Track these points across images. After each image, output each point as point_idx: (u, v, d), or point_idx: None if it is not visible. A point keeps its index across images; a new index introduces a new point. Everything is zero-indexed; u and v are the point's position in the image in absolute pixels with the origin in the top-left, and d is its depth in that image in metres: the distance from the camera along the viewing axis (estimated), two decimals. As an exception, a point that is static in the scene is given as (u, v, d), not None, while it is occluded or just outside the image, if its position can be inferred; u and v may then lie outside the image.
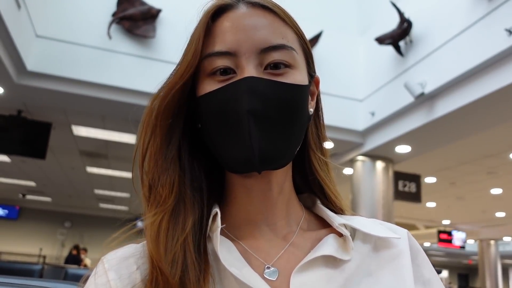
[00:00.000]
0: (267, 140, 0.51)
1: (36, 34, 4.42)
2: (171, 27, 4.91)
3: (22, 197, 14.11)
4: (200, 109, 0.55)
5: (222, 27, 0.54)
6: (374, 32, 5.32)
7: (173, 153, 0.55)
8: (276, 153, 0.52)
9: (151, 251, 0.49)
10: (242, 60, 0.52)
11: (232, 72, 0.53)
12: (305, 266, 0.51)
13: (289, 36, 0.56)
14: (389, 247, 0.57)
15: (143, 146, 0.56)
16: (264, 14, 0.55)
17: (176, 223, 0.52)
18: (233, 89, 0.51)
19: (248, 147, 0.50)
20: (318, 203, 0.62)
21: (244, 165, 0.52)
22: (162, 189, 0.53)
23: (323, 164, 0.62)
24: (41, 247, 14.37)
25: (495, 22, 3.64)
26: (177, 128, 0.56)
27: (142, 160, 0.56)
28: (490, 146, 5.95)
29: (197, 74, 0.55)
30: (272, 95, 0.51)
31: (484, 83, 3.84)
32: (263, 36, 0.53)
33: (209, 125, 0.54)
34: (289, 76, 0.54)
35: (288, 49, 0.54)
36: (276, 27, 0.55)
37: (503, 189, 8.56)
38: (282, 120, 0.52)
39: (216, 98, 0.52)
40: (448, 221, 12.95)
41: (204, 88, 0.54)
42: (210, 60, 0.53)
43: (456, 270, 24.55)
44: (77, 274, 3.13)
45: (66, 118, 5.67)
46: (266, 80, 0.52)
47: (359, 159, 5.89)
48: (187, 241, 0.50)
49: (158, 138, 0.55)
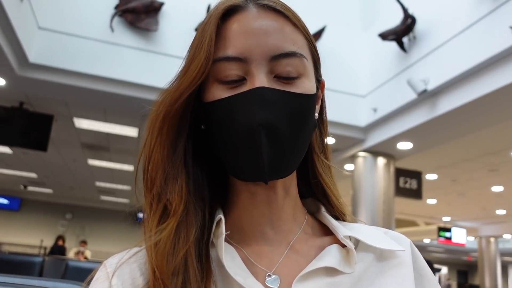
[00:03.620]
0: (277, 152, 0.50)
1: (39, 26, 4.41)
2: (173, 20, 4.90)
3: (23, 188, 14.16)
4: (208, 114, 0.54)
5: (232, 30, 0.53)
6: (377, 27, 5.29)
7: (180, 159, 0.54)
8: (285, 164, 0.52)
9: (154, 262, 0.48)
10: (252, 67, 0.51)
11: (242, 78, 0.52)
12: (306, 275, 0.51)
13: (299, 41, 0.55)
14: (392, 257, 0.56)
15: (149, 151, 0.54)
16: (275, 18, 0.54)
17: (180, 233, 0.50)
18: (245, 99, 0.50)
19: (258, 160, 0.50)
20: (323, 210, 0.62)
21: (252, 176, 0.51)
22: (171, 196, 0.52)
23: (326, 168, 0.62)
24: (42, 238, 14.44)
25: (499, 20, 3.62)
26: (183, 133, 0.55)
27: (147, 166, 0.54)
28: (492, 144, 5.94)
29: (206, 78, 0.53)
30: (283, 106, 0.51)
31: (487, 81, 3.82)
32: (274, 42, 0.52)
33: (217, 132, 0.53)
34: (299, 84, 0.53)
35: (298, 57, 0.53)
36: (287, 32, 0.53)
37: (504, 187, 8.56)
38: (292, 131, 0.51)
39: (227, 106, 0.51)
40: (449, 218, 12.96)
41: (213, 93, 0.53)
42: (220, 65, 0.52)
43: (456, 266, 24.61)
44: (78, 267, 3.14)
45: (68, 110, 5.68)
46: (277, 91, 0.51)
47: (361, 155, 5.89)
48: (189, 252, 0.49)
49: (166, 143, 0.54)
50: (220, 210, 0.56)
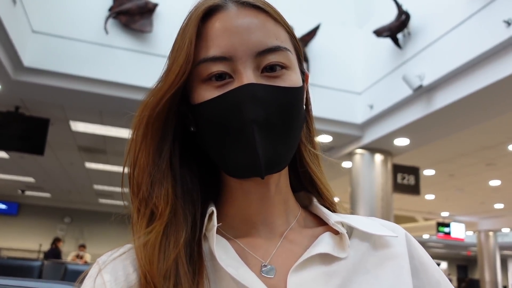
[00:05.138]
0: (271, 146, 0.51)
1: (32, 29, 4.39)
2: (168, 21, 4.89)
3: (21, 193, 14.12)
4: (198, 116, 0.54)
5: (214, 30, 0.52)
6: (372, 24, 5.30)
7: (165, 163, 0.54)
8: (279, 158, 0.52)
9: (145, 265, 0.48)
10: (239, 65, 0.51)
11: (229, 76, 0.52)
12: (302, 264, 0.51)
13: (282, 36, 0.55)
14: (388, 246, 0.57)
15: (134, 155, 0.54)
16: (256, 14, 0.54)
17: (169, 236, 0.50)
18: (234, 97, 0.50)
19: (254, 156, 0.50)
20: (315, 201, 0.62)
21: (248, 172, 0.51)
22: (157, 201, 0.52)
23: (313, 157, 0.62)
24: (41, 243, 14.39)
25: (494, 14, 3.63)
26: (168, 136, 0.55)
27: (133, 171, 0.54)
28: (488, 138, 5.96)
29: (190, 79, 0.54)
30: (273, 101, 0.51)
31: (482, 75, 3.83)
32: (258, 38, 0.52)
33: (208, 132, 0.53)
34: (286, 78, 0.53)
35: (283, 50, 0.53)
36: (269, 27, 0.54)
37: (502, 181, 8.59)
38: (283, 125, 0.52)
39: (217, 105, 0.51)
40: (447, 213, 13.00)
41: (200, 94, 0.52)
42: (205, 66, 0.52)
43: (455, 261, 24.68)
44: (77, 270, 3.13)
45: (64, 113, 5.66)
46: (266, 86, 0.51)
47: (358, 152, 5.89)
48: (180, 255, 0.49)
49: (150, 147, 0.54)
50: (212, 203, 0.56)
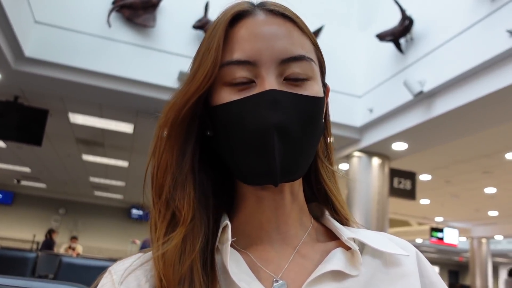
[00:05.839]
0: (288, 154, 0.50)
1: (35, 20, 4.38)
2: (171, 17, 4.88)
3: (17, 182, 14.08)
4: (216, 118, 0.53)
5: (240, 35, 0.53)
6: (375, 28, 5.30)
7: (188, 165, 0.54)
8: (295, 166, 0.52)
9: (162, 271, 0.48)
10: (262, 70, 0.51)
11: (251, 81, 0.52)
12: (314, 281, 0.50)
13: (307, 46, 0.55)
14: (399, 264, 0.56)
15: (158, 157, 0.54)
16: (283, 23, 0.54)
17: (186, 242, 0.51)
18: (256, 101, 0.50)
19: (270, 161, 0.49)
20: (327, 214, 0.62)
21: (263, 178, 0.51)
22: (179, 203, 0.52)
23: (330, 174, 0.61)
24: (34, 233, 14.36)
25: (497, 23, 3.63)
26: (191, 138, 0.55)
27: (156, 172, 0.54)
28: (486, 146, 5.97)
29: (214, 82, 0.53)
30: (294, 109, 0.51)
31: (483, 83, 3.84)
32: (283, 46, 0.52)
33: (226, 135, 0.53)
34: (309, 87, 0.53)
35: (307, 60, 0.53)
36: (295, 36, 0.54)
37: (498, 189, 8.62)
38: (303, 133, 0.52)
39: (237, 109, 0.51)
40: (441, 219, 13.03)
41: (221, 97, 0.52)
42: (229, 69, 0.52)
43: (447, 266, 24.75)
44: (72, 263, 3.13)
45: (63, 105, 5.65)
46: (288, 93, 0.51)
47: (356, 155, 5.90)
48: (195, 261, 0.49)
49: (175, 149, 0.54)
50: (225, 215, 0.56)
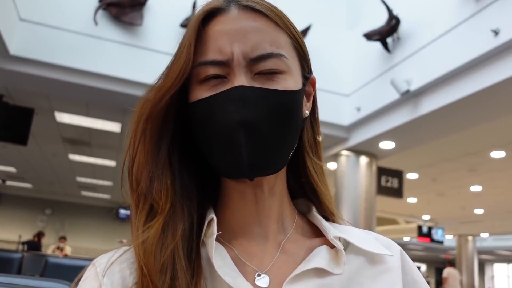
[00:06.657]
0: (258, 150, 0.51)
1: (20, 17, 4.32)
2: (158, 15, 4.85)
3: (2, 182, 13.86)
4: (192, 115, 0.55)
5: (213, 33, 0.54)
6: (362, 27, 5.34)
7: (163, 160, 0.55)
8: (267, 162, 0.52)
9: (142, 259, 0.48)
10: (233, 68, 0.52)
11: (224, 77, 0.53)
12: (297, 277, 0.51)
13: (281, 40, 0.55)
14: (382, 262, 0.57)
15: (133, 151, 0.55)
16: (255, 18, 0.54)
17: (167, 230, 0.51)
18: (223, 98, 0.51)
19: (238, 158, 0.50)
20: (314, 211, 0.62)
21: (235, 173, 0.52)
22: (157, 196, 0.53)
23: (318, 169, 0.62)
24: (20, 234, 14.16)
25: (482, 23, 3.69)
26: (167, 134, 0.56)
27: (132, 166, 0.55)
28: (471, 145, 6.06)
29: (189, 80, 0.55)
30: (263, 104, 0.51)
31: (468, 82, 3.89)
32: (252, 44, 0.52)
33: (199, 132, 0.54)
34: (281, 82, 0.53)
35: (278, 57, 0.53)
36: (267, 32, 0.54)
37: (483, 187, 8.75)
38: (274, 128, 0.52)
39: (206, 106, 0.52)
40: (428, 217, 13.19)
41: (195, 94, 0.54)
42: (202, 68, 0.53)
43: (434, 264, 25.05)
44: (58, 263, 3.09)
45: (49, 104, 5.58)
46: (256, 89, 0.51)
47: (344, 153, 5.94)
48: (177, 249, 0.50)
49: (149, 144, 0.54)
50: (211, 210, 0.56)
